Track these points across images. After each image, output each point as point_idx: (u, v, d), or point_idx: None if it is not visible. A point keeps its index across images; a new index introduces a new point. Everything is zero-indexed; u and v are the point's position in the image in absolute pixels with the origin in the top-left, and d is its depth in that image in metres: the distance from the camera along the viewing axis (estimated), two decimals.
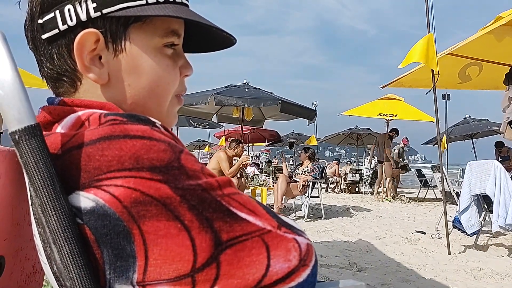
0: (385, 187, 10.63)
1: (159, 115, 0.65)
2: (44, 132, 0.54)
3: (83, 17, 0.58)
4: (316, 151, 8.37)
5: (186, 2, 0.65)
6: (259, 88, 8.04)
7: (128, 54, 0.61)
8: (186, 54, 0.72)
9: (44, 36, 0.60)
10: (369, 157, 11.83)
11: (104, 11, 0.58)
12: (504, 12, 4.01)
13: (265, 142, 17.78)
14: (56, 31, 0.59)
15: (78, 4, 0.58)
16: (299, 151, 7.89)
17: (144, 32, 0.61)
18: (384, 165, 10.31)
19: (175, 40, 0.65)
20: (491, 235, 4.91)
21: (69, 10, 0.58)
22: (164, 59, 0.64)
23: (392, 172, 10.98)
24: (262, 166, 15.25)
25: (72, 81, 0.62)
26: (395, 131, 10.62)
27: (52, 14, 0.58)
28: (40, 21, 0.59)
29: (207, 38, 0.73)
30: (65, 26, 0.58)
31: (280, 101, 7.20)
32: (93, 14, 0.58)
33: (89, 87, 0.62)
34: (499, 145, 9.92)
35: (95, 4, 0.57)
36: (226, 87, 7.94)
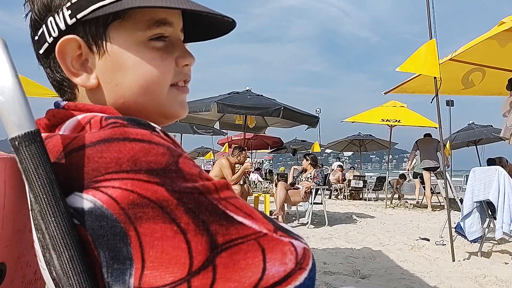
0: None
1: (157, 108, 0.65)
2: (46, 134, 0.55)
3: (62, 26, 0.59)
4: (319, 157, 8.29)
5: None
6: (261, 95, 8.01)
7: (110, 54, 0.61)
8: (190, 44, 0.71)
9: (41, 52, 0.63)
10: (407, 165, 10.66)
11: (79, 16, 0.58)
12: (506, 17, 4.00)
13: (268, 149, 17.78)
14: (47, 44, 0.61)
15: (57, 14, 0.59)
16: (302, 158, 7.87)
17: (124, 29, 0.60)
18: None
19: (164, 31, 0.63)
20: (495, 242, 4.87)
21: (51, 22, 0.60)
22: (151, 53, 0.62)
23: (397, 181, 10.78)
24: (265, 171, 15.14)
25: (71, 89, 0.64)
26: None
27: (41, 29, 0.61)
28: (36, 37, 0.62)
29: (205, 25, 0.71)
30: (51, 38, 0.60)
31: (282, 107, 7.18)
32: (69, 21, 0.59)
33: (86, 93, 0.64)
34: (491, 162, 9.45)
35: (69, 11, 0.59)
36: (228, 94, 7.92)
